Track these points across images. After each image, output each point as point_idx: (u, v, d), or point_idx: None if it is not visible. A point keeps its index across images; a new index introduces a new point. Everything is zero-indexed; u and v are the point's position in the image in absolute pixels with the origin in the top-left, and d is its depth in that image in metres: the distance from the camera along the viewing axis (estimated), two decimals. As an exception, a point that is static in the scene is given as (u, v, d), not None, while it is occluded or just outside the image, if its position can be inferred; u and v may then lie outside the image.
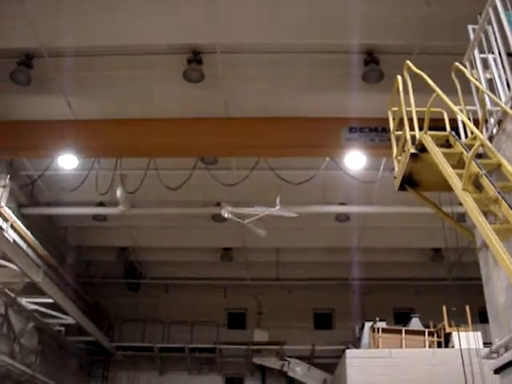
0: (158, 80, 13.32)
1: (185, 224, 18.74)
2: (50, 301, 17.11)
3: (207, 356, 23.07)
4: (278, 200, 15.07)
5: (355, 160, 14.32)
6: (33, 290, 16.64)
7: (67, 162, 15.15)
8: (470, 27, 8.04)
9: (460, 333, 13.79)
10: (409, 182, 7.39)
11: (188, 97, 13.50)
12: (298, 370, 21.72)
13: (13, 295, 16.30)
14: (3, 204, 15.45)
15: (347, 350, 16.56)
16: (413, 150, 6.92)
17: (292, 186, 14.98)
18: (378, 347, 16.21)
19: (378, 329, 16.58)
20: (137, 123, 13.11)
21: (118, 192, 16.08)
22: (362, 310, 21.81)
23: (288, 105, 13.26)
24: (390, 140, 8.37)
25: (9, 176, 16.21)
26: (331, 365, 20.24)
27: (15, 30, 12.04)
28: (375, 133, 12.80)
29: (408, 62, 7.82)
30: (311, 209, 16.97)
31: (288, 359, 21.83)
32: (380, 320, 16.91)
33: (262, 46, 12.47)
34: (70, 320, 19.03)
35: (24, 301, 17.11)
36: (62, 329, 20.26)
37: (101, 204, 17.66)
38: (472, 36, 7.84)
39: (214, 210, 17.68)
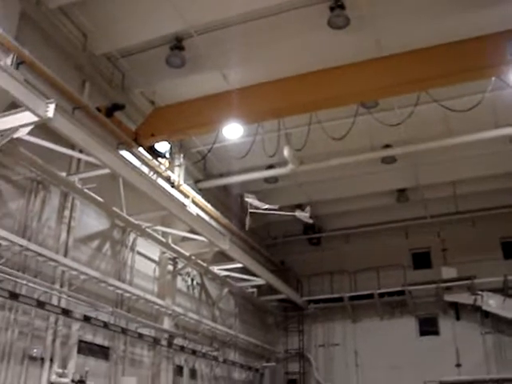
0: (305, 34, 13.19)
1: (355, 172, 18.61)
2: (240, 265, 17.97)
3: (397, 299, 23.03)
4: (308, 208, 17.22)
5: (525, 74, 13.17)
6: (222, 257, 17.58)
7: (232, 131, 15.63)
8: None
9: None
10: None
11: (337, 44, 13.26)
12: (492, 302, 20.96)
13: (205, 265, 17.32)
14: (182, 182, 16.32)
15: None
16: None
17: (459, 114, 14.21)
18: None
19: None
20: (292, 80, 13.08)
21: (285, 151, 16.35)
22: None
23: (441, 30, 12.48)
24: None
25: (182, 155, 17.13)
26: (527, 294, 19.41)
27: (162, 17, 12.65)
28: (543, 38, 11.65)
29: None
30: (483, 135, 15.99)
31: (480, 293, 21.09)
32: None
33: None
34: (260, 281, 19.87)
35: (216, 269, 18.14)
36: (255, 290, 21.17)
37: (270, 166, 18.15)
38: None
39: (383, 153, 17.43)
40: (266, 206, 16.68)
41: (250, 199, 16.46)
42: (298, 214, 17.26)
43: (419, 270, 23.60)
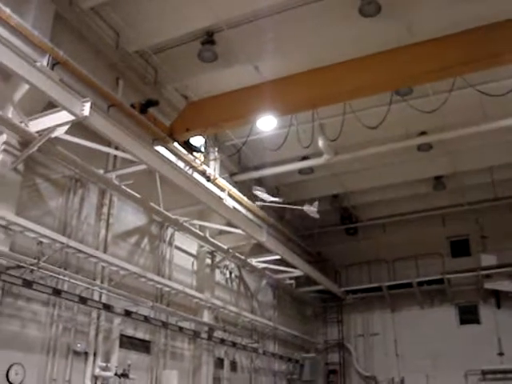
0: (336, 23, 13.06)
1: (391, 160, 18.37)
2: (277, 257, 18.00)
3: (436, 288, 22.85)
4: (316, 203, 17.01)
5: None
6: (260, 249, 17.63)
7: (266, 123, 15.62)
8: None
9: None
10: None
11: (370, 32, 13.08)
12: (535, 289, 20.68)
13: (243, 257, 17.40)
14: (217, 176, 16.40)
15: None
16: None
17: (496, 98, 13.90)
18: None
19: None
20: (325, 71, 12.93)
21: (320, 142, 16.31)
22: None
23: (474, 14, 12.13)
24: None
25: (217, 149, 17.21)
26: None
27: (193, 12, 12.67)
28: None
29: None
30: (522, 119, 15.65)
31: (522, 280, 20.81)
32: None
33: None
34: (297, 272, 19.92)
35: (254, 261, 18.20)
36: (293, 282, 21.19)
37: (305, 157, 18.10)
38: None
39: (419, 141, 17.19)
40: (272, 199, 16.79)
41: (259, 192, 16.58)
42: (306, 208, 17.22)
43: (458, 257, 23.29)
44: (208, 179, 15.76)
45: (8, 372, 9.15)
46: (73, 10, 12.05)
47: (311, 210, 17.11)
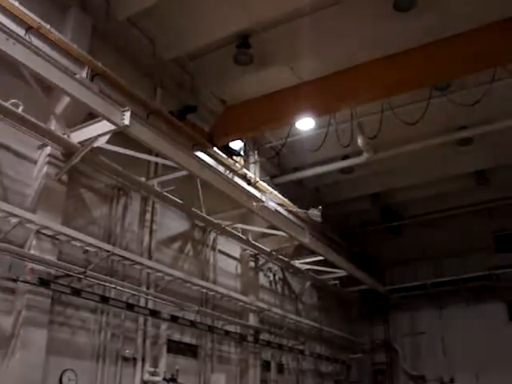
0: (370, 20, 12.92)
1: (432, 156, 18.09)
2: (321, 258, 17.94)
3: (484, 284, 22.23)
4: (320, 207, 17.22)
5: None
6: (303, 251, 17.62)
7: (304, 124, 15.63)
8: None
9: None
10: None
11: (405, 27, 12.89)
12: None
13: (286, 259, 17.39)
14: (258, 179, 16.42)
15: None
16: None
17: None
18: None
19: None
20: (362, 69, 12.86)
21: (359, 140, 16.16)
22: None
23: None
24: None
25: (256, 152, 17.25)
26: None
27: (228, 17, 12.66)
28: None
29: None
30: None
31: None
32: None
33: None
34: (342, 273, 19.80)
35: (297, 263, 18.20)
36: (337, 282, 21.10)
37: (345, 157, 17.97)
38: None
39: (459, 135, 16.88)
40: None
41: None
42: (310, 212, 17.14)
43: (505, 253, 22.68)
44: (249, 183, 15.76)
45: (61, 378, 9.37)
46: (109, 22, 12.21)
47: (315, 214, 17.04)
